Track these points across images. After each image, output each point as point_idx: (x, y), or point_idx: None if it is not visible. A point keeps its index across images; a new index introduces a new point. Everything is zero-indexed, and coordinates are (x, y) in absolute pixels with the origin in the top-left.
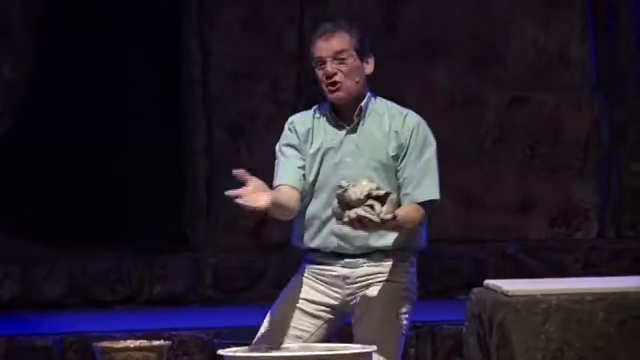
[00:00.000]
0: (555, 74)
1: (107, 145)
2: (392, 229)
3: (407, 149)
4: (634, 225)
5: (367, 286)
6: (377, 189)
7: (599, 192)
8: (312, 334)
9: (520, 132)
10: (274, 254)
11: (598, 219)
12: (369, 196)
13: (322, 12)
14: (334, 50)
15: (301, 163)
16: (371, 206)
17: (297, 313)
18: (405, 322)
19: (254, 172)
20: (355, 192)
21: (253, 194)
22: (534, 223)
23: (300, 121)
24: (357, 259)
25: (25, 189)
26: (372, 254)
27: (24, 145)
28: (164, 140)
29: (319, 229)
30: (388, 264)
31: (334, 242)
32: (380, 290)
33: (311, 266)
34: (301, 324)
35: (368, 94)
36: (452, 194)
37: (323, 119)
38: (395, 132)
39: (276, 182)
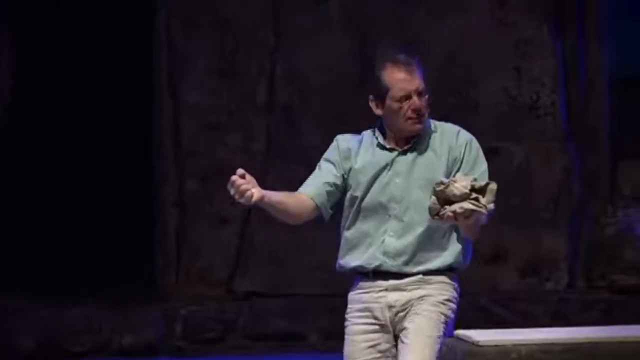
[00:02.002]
0: (527, 123)
1: (78, 195)
2: (474, 223)
3: (460, 163)
4: (604, 276)
5: (412, 306)
6: (475, 180)
7: (570, 243)
8: None
9: None
10: (245, 304)
11: (568, 270)
12: (472, 189)
13: (295, 63)
14: (418, 86)
15: (332, 180)
16: (476, 199)
17: None
18: (442, 339)
19: (226, 222)
20: (458, 187)
21: (244, 185)
22: (504, 273)
23: (345, 139)
24: (401, 280)
25: None
26: (417, 274)
27: None
28: (134, 190)
29: (369, 246)
30: (432, 286)
31: (379, 260)
32: (425, 310)
33: (357, 297)
34: None
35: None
36: None
37: (372, 141)
38: (450, 146)
39: (300, 188)
